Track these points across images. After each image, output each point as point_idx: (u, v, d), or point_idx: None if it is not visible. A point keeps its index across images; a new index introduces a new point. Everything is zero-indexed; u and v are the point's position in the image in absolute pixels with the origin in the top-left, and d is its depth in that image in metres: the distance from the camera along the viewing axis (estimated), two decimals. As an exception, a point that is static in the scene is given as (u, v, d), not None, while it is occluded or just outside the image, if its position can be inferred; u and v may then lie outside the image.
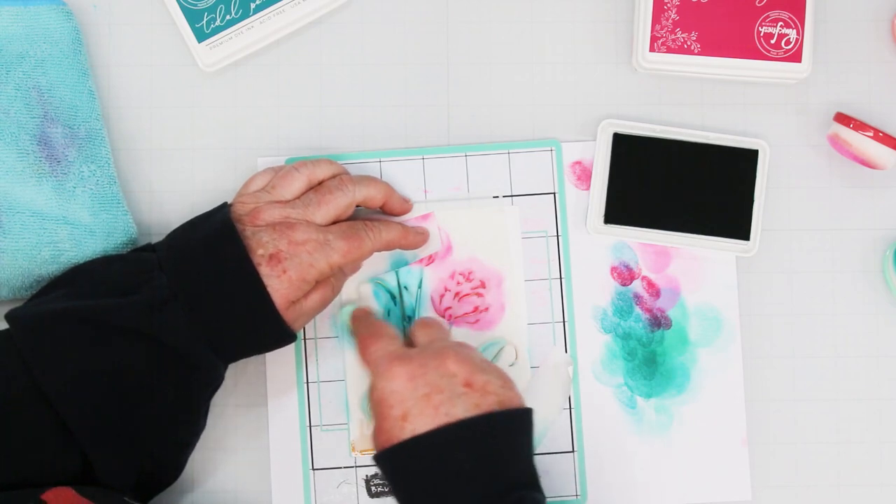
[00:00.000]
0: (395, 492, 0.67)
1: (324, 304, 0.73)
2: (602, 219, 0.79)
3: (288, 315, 0.70)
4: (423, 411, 0.65)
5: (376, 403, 0.68)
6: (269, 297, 0.69)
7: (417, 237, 0.77)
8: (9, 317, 0.69)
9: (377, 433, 0.68)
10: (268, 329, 0.70)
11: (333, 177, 0.75)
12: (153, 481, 0.71)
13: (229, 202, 0.73)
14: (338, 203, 0.73)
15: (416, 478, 0.65)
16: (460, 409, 0.65)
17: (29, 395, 0.66)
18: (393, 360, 0.68)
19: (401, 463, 0.66)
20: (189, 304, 0.68)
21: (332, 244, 0.71)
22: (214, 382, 0.72)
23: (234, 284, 0.69)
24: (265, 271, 0.69)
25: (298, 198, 0.73)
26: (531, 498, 0.65)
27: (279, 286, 0.69)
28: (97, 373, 0.67)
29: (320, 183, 0.74)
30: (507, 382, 0.68)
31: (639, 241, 0.79)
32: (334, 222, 0.73)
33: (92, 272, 0.72)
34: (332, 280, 0.74)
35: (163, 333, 0.68)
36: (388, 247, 0.76)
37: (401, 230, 0.76)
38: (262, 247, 0.69)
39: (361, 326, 0.75)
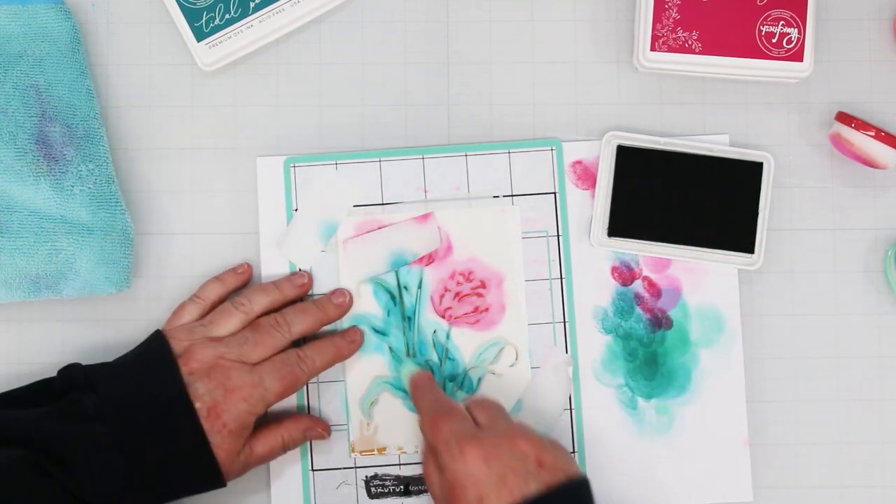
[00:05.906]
0: None
1: (272, 456, 0.74)
2: (606, 231, 0.78)
3: (232, 469, 0.71)
4: (500, 494, 0.65)
5: (449, 486, 0.67)
6: (215, 458, 0.70)
7: (352, 346, 0.77)
8: None
9: None
10: (204, 481, 0.71)
11: (270, 309, 0.75)
12: None
13: (162, 331, 0.73)
14: (274, 344, 0.73)
15: None
16: (534, 488, 0.66)
17: None
18: (466, 441, 0.67)
19: None
20: (126, 452, 0.68)
21: (266, 385, 0.72)
22: None
23: (180, 444, 0.69)
24: (207, 426, 0.70)
25: (234, 335, 0.73)
26: None
27: (221, 442, 0.70)
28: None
29: (257, 317, 0.75)
30: (569, 456, 0.69)
31: (643, 255, 0.79)
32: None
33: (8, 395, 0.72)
34: (281, 431, 0.74)
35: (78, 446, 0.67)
36: (326, 368, 0.76)
37: (334, 350, 0.76)
38: (199, 399, 0.70)
39: (426, 399, 0.74)
